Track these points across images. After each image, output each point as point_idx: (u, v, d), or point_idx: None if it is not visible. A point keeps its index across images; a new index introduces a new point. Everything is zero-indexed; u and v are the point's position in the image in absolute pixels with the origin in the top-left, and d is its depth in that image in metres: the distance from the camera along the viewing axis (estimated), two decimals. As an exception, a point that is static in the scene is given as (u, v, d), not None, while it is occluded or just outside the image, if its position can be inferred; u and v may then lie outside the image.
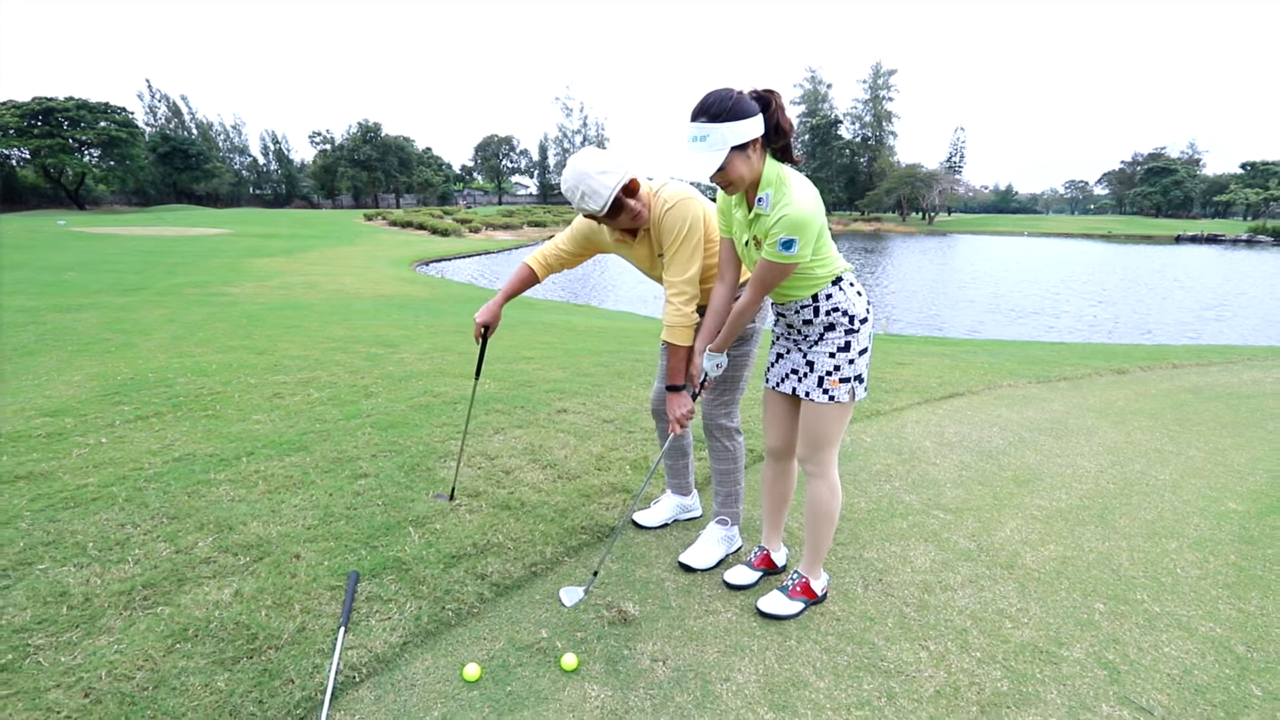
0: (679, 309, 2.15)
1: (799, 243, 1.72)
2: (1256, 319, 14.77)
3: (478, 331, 2.56)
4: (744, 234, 1.91)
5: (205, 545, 2.41)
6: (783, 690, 1.78)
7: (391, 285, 14.34)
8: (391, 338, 7.03)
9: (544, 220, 47.17)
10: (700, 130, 1.72)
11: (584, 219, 2.41)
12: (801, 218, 1.71)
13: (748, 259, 1.96)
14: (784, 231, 1.71)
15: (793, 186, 1.74)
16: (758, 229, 1.83)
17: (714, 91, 1.72)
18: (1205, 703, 1.75)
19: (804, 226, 1.71)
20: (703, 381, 2.15)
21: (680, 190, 2.22)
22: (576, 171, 2.09)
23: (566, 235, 2.50)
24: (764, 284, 1.85)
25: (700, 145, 1.72)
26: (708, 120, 1.71)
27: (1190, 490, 3.22)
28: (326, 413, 4.04)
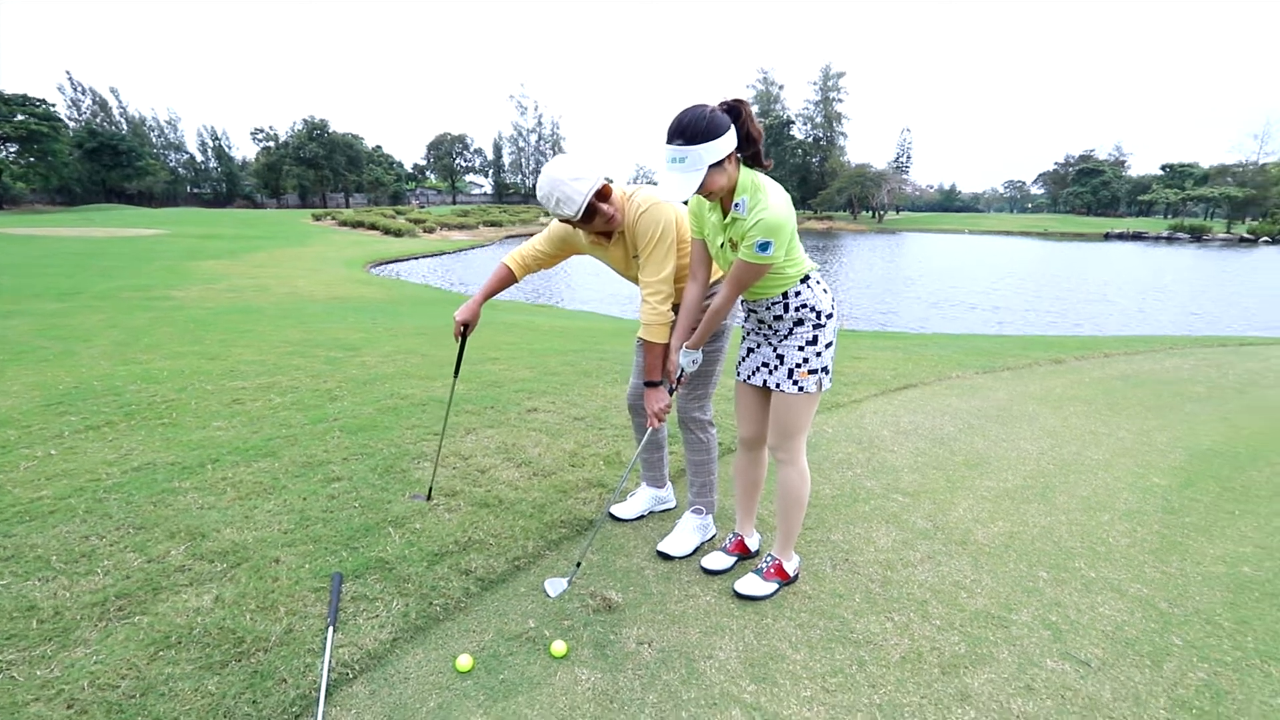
0: (655, 308, 2.24)
1: (774, 245, 1.84)
2: (1177, 311, 15.88)
3: (457, 330, 2.60)
4: (718, 236, 2.02)
5: (178, 553, 2.37)
6: (762, 664, 1.90)
7: (346, 287, 13.97)
8: (351, 341, 6.89)
9: (500, 220, 46.58)
10: (679, 153, 1.79)
11: (560, 238, 2.48)
12: (777, 222, 1.82)
13: (721, 259, 2.07)
14: (761, 235, 1.82)
15: (768, 193, 1.85)
16: (733, 232, 1.93)
17: (688, 111, 1.80)
18: (1134, 653, 1.95)
19: (779, 230, 1.83)
20: (679, 377, 2.25)
21: (653, 193, 2.31)
22: (551, 178, 2.16)
23: (543, 237, 2.56)
24: (740, 283, 1.96)
25: (679, 166, 1.80)
26: (685, 143, 1.78)
27: (1120, 468, 3.51)
28: (291, 417, 3.97)
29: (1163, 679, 1.85)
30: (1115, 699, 1.77)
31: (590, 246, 2.48)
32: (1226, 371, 6.14)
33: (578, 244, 2.52)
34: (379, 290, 14.12)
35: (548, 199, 2.18)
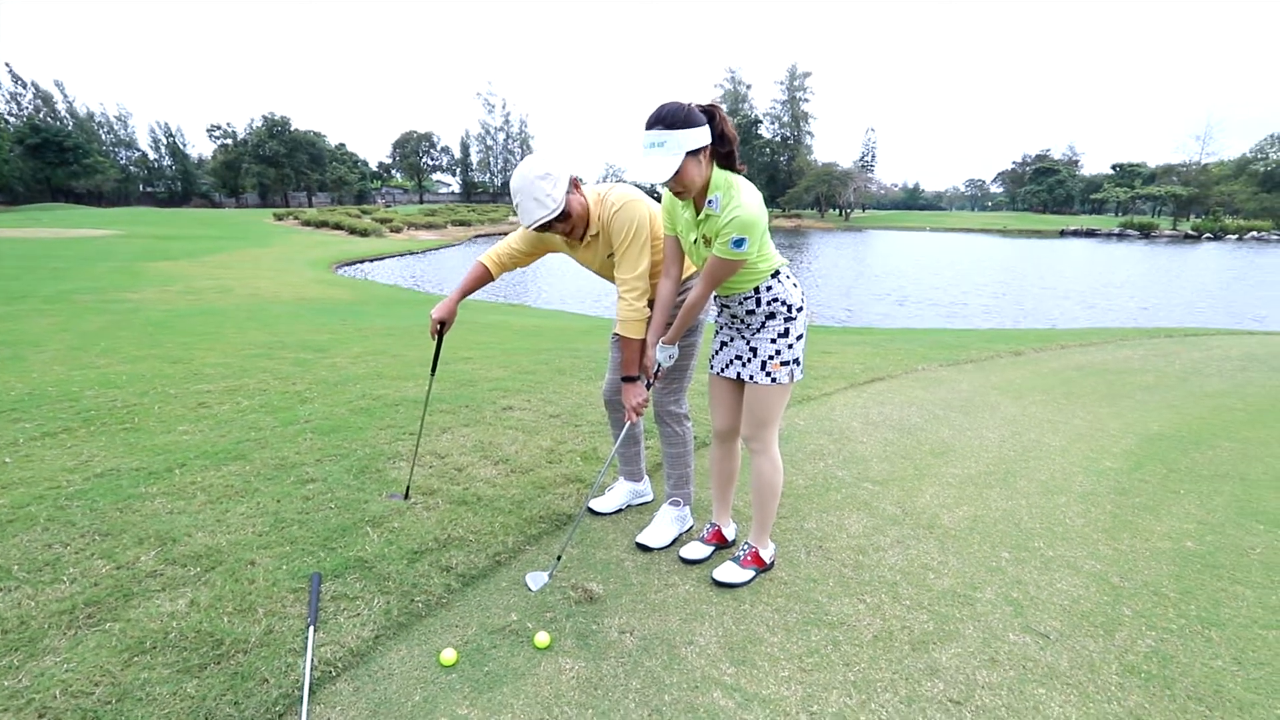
0: (631, 304, 2.28)
1: (748, 241, 1.90)
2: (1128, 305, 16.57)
3: (434, 328, 2.59)
4: (691, 233, 2.07)
5: (148, 559, 2.32)
6: (741, 648, 1.95)
7: (312, 288, 13.67)
8: (319, 342, 6.77)
9: (468, 219, 45.99)
10: (658, 137, 1.86)
11: (534, 237, 2.50)
12: (750, 219, 1.88)
13: (694, 255, 2.12)
14: (735, 231, 1.88)
15: (741, 191, 1.91)
16: (707, 228, 1.98)
17: (667, 104, 1.88)
18: (1089, 625, 2.07)
19: (752, 227, 1.89)
20: (656, 371, 2.29)
21: (626, 193, 2.35)
22: (525, 180, 2.17)
23: (519, 235, 2.58)
24: (714, 279, 2.01)
25: (658, 150, 1.86)
26: (664, 128, 1.85)
27: (1075, 453, 3.68)
28: (260, 420, 3.90)
29: (1114, 647, 1.97)
30: (1072, 667, 1.87)
31: (564, 245, 2.51)
32: (1172, 361, 6.47)
33: (553, 243, 2.54)
34: (346, 291, 13.86)
35: (523, 200, 2.20)
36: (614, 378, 2.69)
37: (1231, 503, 3.01)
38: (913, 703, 1.73)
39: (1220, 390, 5.36)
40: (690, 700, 1.74)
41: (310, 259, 22.27)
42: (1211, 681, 1.83)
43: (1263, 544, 2.62)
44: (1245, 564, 2.46)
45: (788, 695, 1.76)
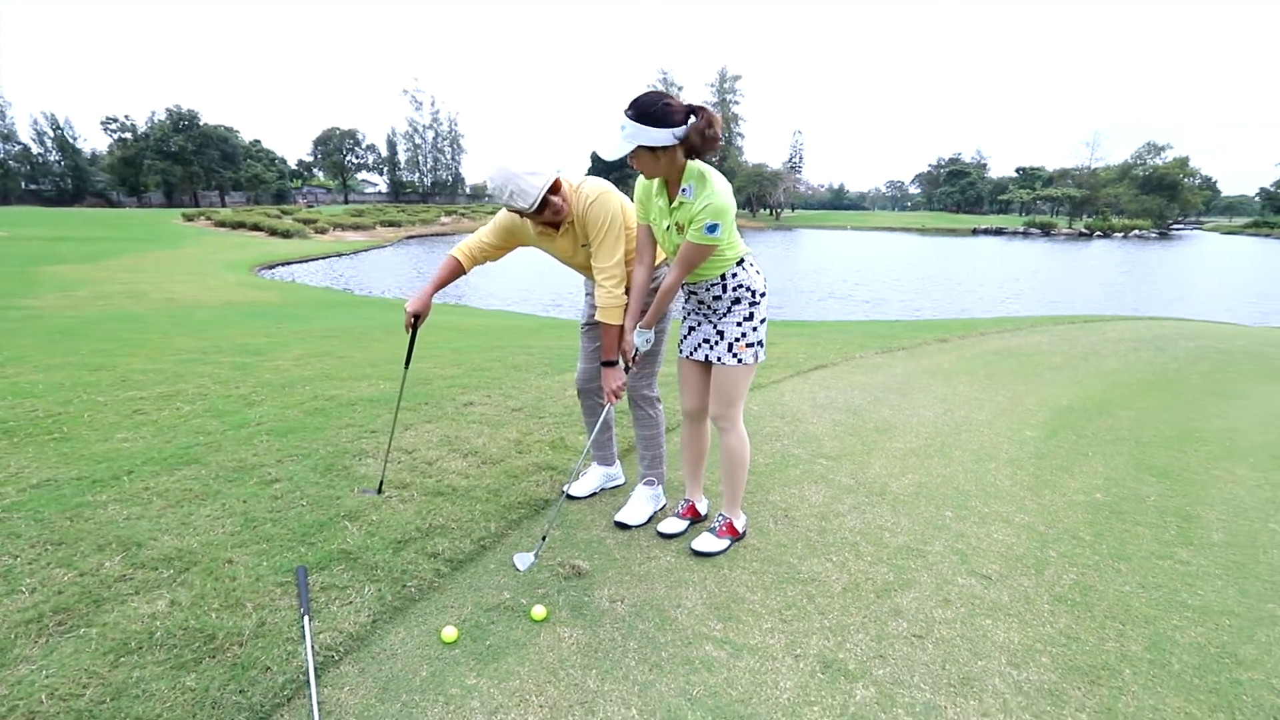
0: (610, 292, 2.38)
1: (721, 227, 2.05)
2: (1035, 295, 18.04)
3: (408, 321, 2.60)
4: (664, 220, 2.20)
5: (114, 564, 2.24)
6: (725, 606, 2.11)
7: (236, 291, 12.94)
8: (256, 346, 6.49)
9: (398, 220, 44.39)
10: (623, 121, 1.99)
11: (507, 214, 2.56)
12: (722, 206, 2.03)
13: (666, 242, 2.25)
14: (709, 217, 2.03)
15: (713, 180, 2.06)
16: (680, 215, 2.12)
17: (649, 94, 1.98)
18: (1022, 566, 2.35)
19: (724, 213, 2.04)
20: (634, 356, 2.41)
21: (598, 185, 2.45)
22: (505, 172, 2.24)
23: (490, 229, 2.62)
24: (688, 264, 2.15)
25: (620, 134, 1.99)
26: (631, 117, 1.97)
27: (1000, 426, 4.07)
28: (207, 424, 3.75)
29: (1044, 582, 2.25)
30: (1011, 600, 2.14)
31: (537, 238, 2.58)
32: (1075, 344, 7.17)
33: (524, 235, 2.61)
34: (275, 294, 13.20)
35: (500, 191, 2.27)
36: (588, 366, 2.79)
37: (1130, 461, 3.44)
38: (882, 640, 1.94)
39: (1115, 368, 6.01)
40: (685, 654, 1.88)
41: (228, 261, 21.00)
42: (1123, 603, 2.13)
43: (1155, 493, 3.02)
44: (1143, 509, 2.84)
45: (772, 643, 1.93)
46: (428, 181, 79.51)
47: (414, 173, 79.42)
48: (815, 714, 1.65)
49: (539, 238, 2.57)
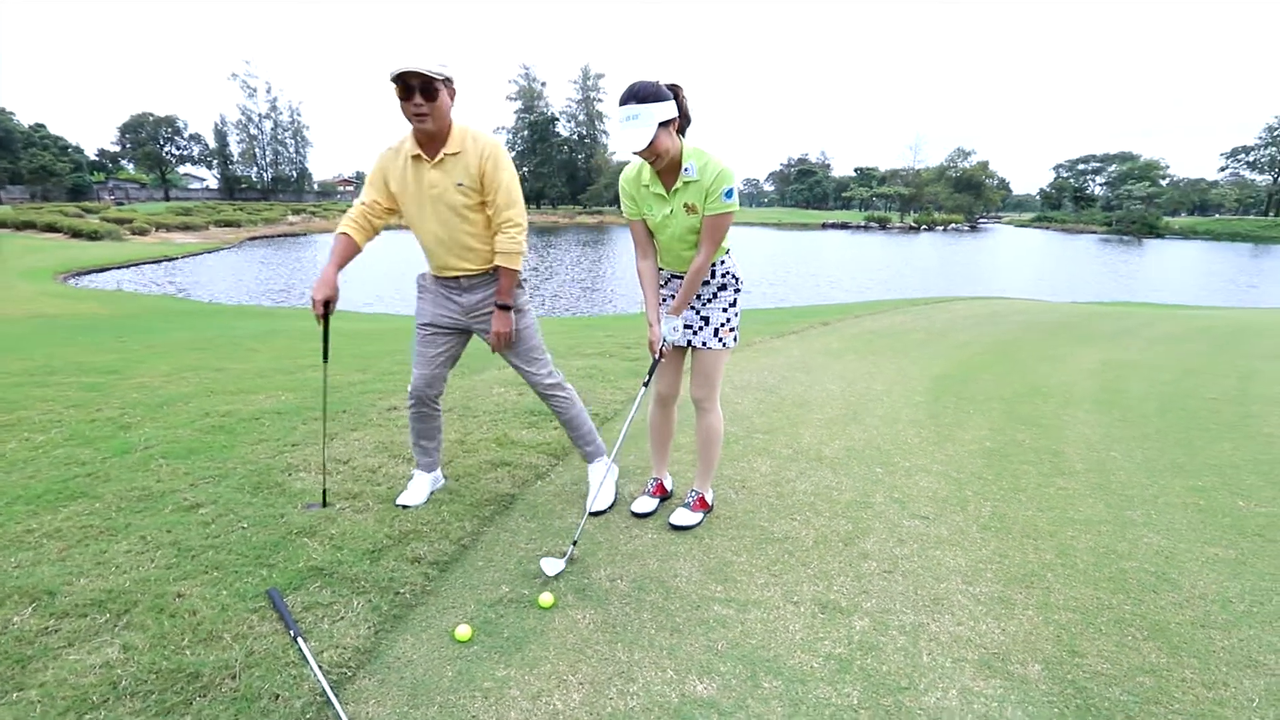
0: (514, 238, 2.34)
1: (735, 191, 2.17)
2: (888, 279, 20.25)
3: (318, 309, 2.33)
4: (664, 207, 2.26)
5: (25, 619, 1.91)
6: (718, 570, 2.26)
7: (47, 303, 10.94)
8: (105, 364, 5.62)
9: (237, 219, 39.56)
10: (632, 111, 2.04)
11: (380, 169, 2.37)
12: (731, 171, 2.16)
13: (668, 230, 2.30)
14: (725, 183, 2.14)
15: (710, 152, 2.17)
16: (687, 195, 2.19)
17: (639, 82, 2.06)
18: (949, 506, 2.75)
19: (734, 178, 2.17)
20: (663, 347, 2.45)
21: (489, 136, 2.35)
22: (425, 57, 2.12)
23: (370, 187, 2.41)
24: (716, 236, 2.23)
25: (634, 123, 2.04)
26: (637, 103, 2.04)
27: (895, 394, 4.62)
28: (77, 454, 3.25)
29: (970, 516, 2.66)
30: (950, 533, 2.51)
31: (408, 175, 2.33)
32: (932, 321, 8.24)
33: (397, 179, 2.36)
34: (99, 304, 11.33)
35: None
36: (428, 373, 2.59)
37: (1001, 414, 4.09)
38: (860, 579, 2.20)
39: (967, 340, 7.02)
40: (698, 616, 2.00)
41: (23, 268, 17.63)
42: (1030, 524, 2.59)
43: (1028, 437, 3.64)
44: (1023, 450, 3.42)
45: (770, 595, 2.11)
46: (268, 177, 71.53)
47: (250, 167, 70.99)
48: (828, 647, 1.85)
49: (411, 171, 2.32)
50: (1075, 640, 1.87)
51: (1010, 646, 1.85)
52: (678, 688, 1.70)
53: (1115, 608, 2.03)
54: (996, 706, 1.63)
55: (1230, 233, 60.71)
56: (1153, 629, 1.92)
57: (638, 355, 5.72)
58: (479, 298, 2.50)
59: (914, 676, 1.73)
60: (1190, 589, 2.13)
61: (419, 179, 2.33)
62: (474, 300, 2.50)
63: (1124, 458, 3.32)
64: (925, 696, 1.66)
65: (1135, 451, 3.41)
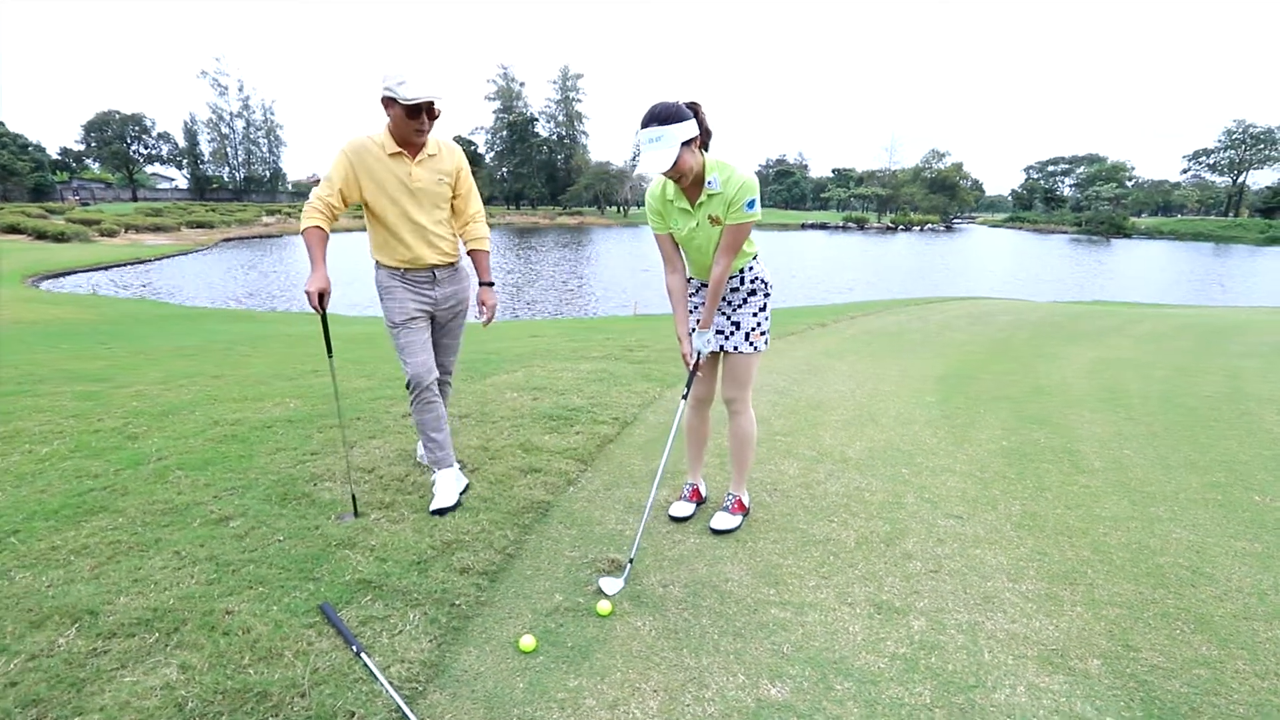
0: (482, 225, 2.81)
1: (757, 201, 2.20)
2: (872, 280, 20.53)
3: (315, 301, 2.43)
4: (690, 220, 2.30)
5: (71, 640, 1.86)
6: (767, 573, 2.28)
7: (23, 309, 10.57)
8: (95, 371, 5.47)
9: (209, 220, 38.66)
10: (655, 133, 2.08)
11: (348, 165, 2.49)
12: (754, 183, 2.19)
13: (695, 243, 2.34)
14: (748, 194, 2.18)
15: (733, 165, 2.21)
16: (712, 207, 2.23)
17: (660, 103, 2.12)
18: (980, 505, 2.81)
19: (756, 189, 2.20)
20: (697, 360, 2.46)
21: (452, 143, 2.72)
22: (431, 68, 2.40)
23: (337, 182, 2.50)
24: (734, 246, 2.26)
25: (658, 144, 2.08)
26: (660, 124, 2.08)
27: (904, 394, 4.70)
28: (88, 466, 3.16)
29: (1001, 514, 2.72)
30: (986, 532, 2.56)
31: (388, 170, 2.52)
32: (926, 322, 8.39)
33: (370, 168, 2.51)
34: (77, 309, 10.98)
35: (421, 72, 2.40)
36: (425, 358, 2.71)
37: (1012, 413, 4.19)
38: (909, 579, 2.23)
39: (963, 340, 7.15)
40: (757, 620, 2.01)
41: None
42: (1062, 522, 2.65)
43: (1042, 436, 3.73)
44: (1040, 450, 3.51)
45: (824, 597, 2.13)
46: (240, 177, 69.96)
47: (222, 167, 69.32)
48: (891, 647, 1.88)
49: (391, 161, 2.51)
50: (1127, 635, 1.93)
51: (1066, 643, 1.90)
52: (751, 692, 1.71)
53: (1159, 602, 2.10)
54: (1065, 701, 1.67)
55: (1193, 232, 62.85)
56: (1198, 622, 1.99)
57: (643, 358, 5.73)
58: (449, 291, 2.81)
59: (980, 674, 1.77)
60: (1226, 582, 2.21)
61: (403, 174, 2.55)
62: (445, 293, 2.80)
63: (1138, 455, 3.42)
64: (995, 694, 1.70)
65: (1147, 449, 3.51)
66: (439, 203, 2.65)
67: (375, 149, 2.51)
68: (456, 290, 2.83)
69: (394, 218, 2.59)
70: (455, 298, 2.83)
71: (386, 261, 2.70)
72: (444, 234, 2.71)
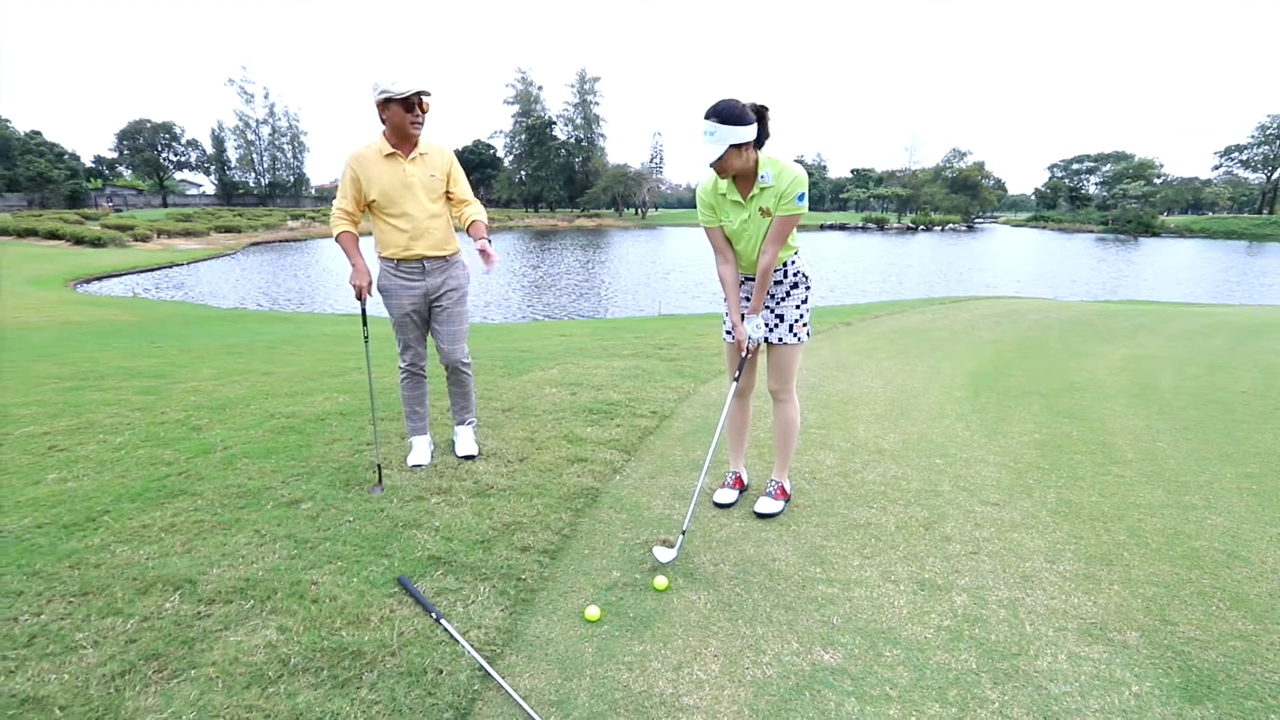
0: (478, 206, 3.04)
1: (806, 194, 2.32)
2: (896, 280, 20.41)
3: (361, 292, 2.86)
4: (742, 212, 2.42)
5: (176, 605, 2.03)
6: (813, 554, 2.39)
7: (68, 310, 11.01)
8: (149, 368, 5.74)
9: (236, 225, 39.59)
10: (710, 127, 2.21)
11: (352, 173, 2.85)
12: (804, 176, 2.32)
13: (746, 234, 2.47)
14: (799, 188, 2.30)
15: (784, 160, 2.33)
16: (765, 200, 2.36)
17: (725, 100, 2.22)
18: (1015, 493, 2.89)
19: (806, 183, 2.32)
20: (750, 345, 2.59)
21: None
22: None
23: (347, 194, 2.88)
24: (782, 235, 2.38)
25: (710, 139, 2.21)
26: (717, 121, 2.21)
27: (935, 390, 4.77)
28: (160, 454, 3.37)
29: (1037, 502, 2.80)
30: (1023, 518, 2.65)
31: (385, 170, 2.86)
32: (954, 320, 8.39)
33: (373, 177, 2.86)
34: (121, 311, 11.40)
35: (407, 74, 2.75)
36: (417, 348, 3.19)
37: (1044, 408, 4.24)
38: (949, 560, 2.33)
39: (992, 338, 7.17)
40: (806, 595, 2.13)
41: (32, 276, 17.66)
42: (1097, 509, 2.73)
43: (1074, 430, 3.79)
44: (1073, 442, 3.57)
45: (869, 575, 2.24)
46: (265, 182, 71.47)
47: (248, 173, 70.89)
48: (935, 619, 1.99)
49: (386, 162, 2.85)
50: (1164, 610, 2.01)
51: (1105, 617, 1.99)
52: (806, 657, 1.83)
53: (1195, 581, 2.17)
54: (1105, 668, 1.76)
55: (1225, 230, 61.26)
56: (1234, 600, 2.06)
57: (674, 355, 5.85)
58: (440, 280, 3.06)
59: (1022, 644, 1.87)
60: (1261, 564, 2.27)
61: (398, 172, 2.87)
62: (435, 283, 3.05)
63: (1172, 448, 3.46)
64: (1038, 661, 1.80)
65: (1181, 442, 3.55)
66: (432, 197, 2.94)
67: (372, 154, 2.86)
68: (447, 279, 3.07)
69: (389, 211, 2.92)
70: (446, 286, 3.07)
71: (383, 253, 3.03)
72: (435, 227, 2.97)
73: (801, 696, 1.69)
